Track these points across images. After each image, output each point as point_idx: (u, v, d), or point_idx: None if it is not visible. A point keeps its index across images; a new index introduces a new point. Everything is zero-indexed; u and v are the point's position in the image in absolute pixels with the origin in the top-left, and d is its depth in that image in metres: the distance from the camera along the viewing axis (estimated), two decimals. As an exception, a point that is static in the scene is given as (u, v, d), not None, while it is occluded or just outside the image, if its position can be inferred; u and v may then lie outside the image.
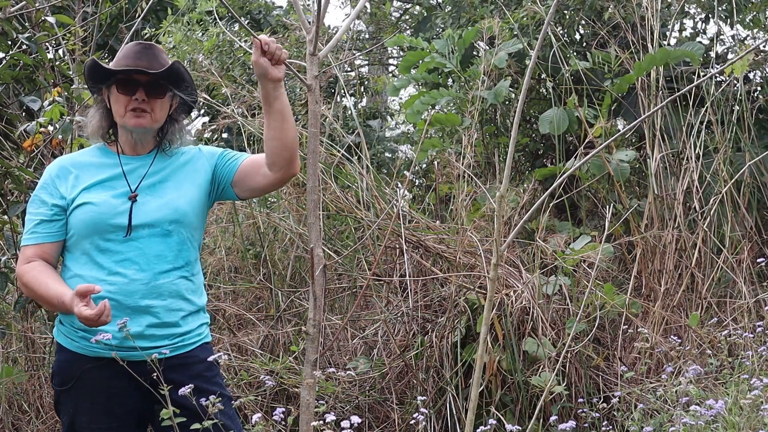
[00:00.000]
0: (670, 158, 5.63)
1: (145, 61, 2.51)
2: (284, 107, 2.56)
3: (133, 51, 2.54)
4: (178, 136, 2.62)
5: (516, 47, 5.76)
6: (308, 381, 2.98)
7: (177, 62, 2.56)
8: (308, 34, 3.03)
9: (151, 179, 2.55)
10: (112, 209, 2.46)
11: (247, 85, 6.37)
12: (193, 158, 2.64)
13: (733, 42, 6.45)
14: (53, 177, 2.53)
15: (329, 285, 4.98)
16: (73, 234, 2.48)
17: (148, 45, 2.57)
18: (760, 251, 5.53)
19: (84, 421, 2.47)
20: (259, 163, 2.63)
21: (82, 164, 2.56)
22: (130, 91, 2.51)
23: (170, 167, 2.60)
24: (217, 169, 2.64)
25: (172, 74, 2.53)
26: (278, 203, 5.45)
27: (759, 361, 3.95)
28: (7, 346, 4.70)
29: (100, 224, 2.44)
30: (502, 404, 4.26)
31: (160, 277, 2.46)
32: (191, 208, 2.56)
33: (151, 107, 2.52)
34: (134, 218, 2.47)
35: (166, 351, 2.45)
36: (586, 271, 4.66)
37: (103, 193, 2.49)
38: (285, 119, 2.56)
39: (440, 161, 5.91)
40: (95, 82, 2.57)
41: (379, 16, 9.08)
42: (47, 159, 3.93)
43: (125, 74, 2.51)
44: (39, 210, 2.51)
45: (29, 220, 2.52)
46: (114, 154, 2.58)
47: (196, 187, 2.60)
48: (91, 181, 2.51)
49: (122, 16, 6.78)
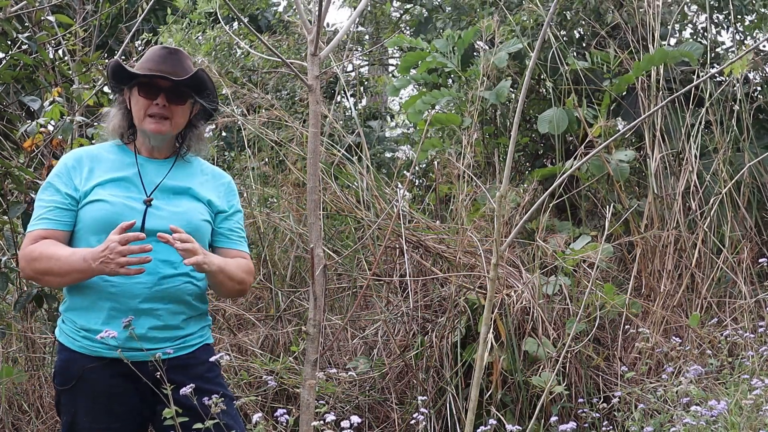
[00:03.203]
0: (669, 158, 5.64)
1: (170, 67, 2.49)
2: (216, 280, 2.51)
3: (158, 55, 2.52)
4: (196, 141, 2.61)
5: (516, 47, 5.76)
6: (309, 382, 2.99)
7: (201, 70, 2.53)
8: (309, 34, 3.03)
9: (169, 185, 2.54)
10: (126, 211, 2.44)
11: (247, 84, 6.38)
12: (219, 183, 2.64)
13: (732, 43, 6.45)
14: (69, 167, 2.51)
15: (329, 285, 4.98)
16: (81, 228, 2.47)
17: (173, 50, 2.55)
18: (760, 251, 5.54)
19: (85, 421, 2.46)
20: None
21: (98, 158, 2.53)
22: (152, 95, 2.49)
23: (191, 179, 2.59)
24: (217, 220, 2.63)
25: (195, 81, 2.52)
26: (278, 203, 5.45)
27: (759, 361, 3.95)
28: (7, 346, 4.70)
29: (112, 225, 2.40)
30: (502, 404, 4.26)
31: (164, 282, 2.46)
32: (204, 225, 2.56)
33: (171, 113, 2.51)
34: (147, 224, 2.45)
35: (170, 350, 2.45)
36: (586, 271, 4.66)
37: (117, 192, 2.47)
38: (221, 284, 2.54)
39: (440, 161, 5.91)
40: (117, 82, 2.56)
41: (379, 16, 9.09)
42: (47, 159, 3.93)
43: (148, 78, 2.49)
44: (53, 197, 2.47)
45: (40, 207, 2.48)
46: (131, 153, 2.56)
47: (210, 207, 2.60)
48: (106, 177, 2.49)
49: (122, 16, 6.77)
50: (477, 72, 5.76)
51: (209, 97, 2.59)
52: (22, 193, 3.66)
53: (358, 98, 8.25)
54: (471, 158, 5.48)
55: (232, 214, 2.65)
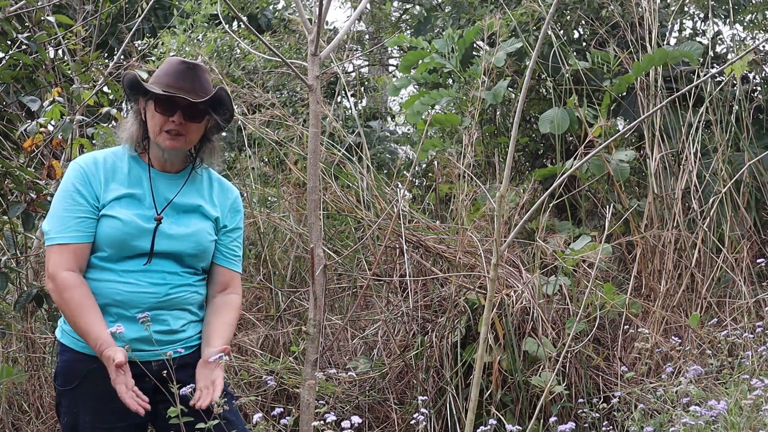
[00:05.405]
0: (669, 158, 5.64)
1: (189, 83, 2.46)
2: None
3: (177, 70, 2.48)
4: (209, 155, 2.60)
5: (515, 47, 5.76)
6: (309, 382, 2.99)
7: (221, 88, 2.50)
8: (309, 34, 3.03)
9: (179, 203, 2.54)
10: (137, 229, 2.45)
11: (248, 84, 6.37)
12: (226, 198, 2.65)
13: (732, 43, 6.46)
14: (88, 174, 2.47)
15: (329, 285, 4.98)
16: (94, 240, 2.48)
17: (192, 65, 2.50)
18: (759, 251, 5.54)
19: (87, 422, 2.46)
20: (219, 283, 2.64)
21: (113, 168, 2.51)
22: (169, 112, 2.46)
23: (201, 195, 2.59)
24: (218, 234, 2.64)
25: (213, 100, 2.49)
26: (278, 203, 5.45)
27: (759, 361, 3.95)
28: (7, 346, 4.70)
29: (123, 243, 2.43)
30: (502, 404, 4.26)
31: (173, 292, 2.49)
32: (211, 246, 2.59)
33: (186, 130, 2.49)
34: (156, 244, 2.46)
35: (182, 350, 2.48)
36: (586, 271, 4.66)
37: (130, 209, 2.47)
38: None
39: (440, 161, 5.91)
40: (133, 93, 2.53)
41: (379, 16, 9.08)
42: (47, 159, 3.93)
43: (165, 96, 2.45)
44: (80, 207, 2.44)
45: (67, 216, 2.43)
46: (144, 165, 2.54)
47: (216, 224, 2.62)
48: (121, 192, 2.48)
49: (122, 15, 6.77)
50: (477, 72, 5.76)
51: (225, 115, 2.56)
52: (22, 193, 3.66)
53: (358, 98, 8.25)
54: (471, 158, 5.48)
55: (232, 230, 2.66)
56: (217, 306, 2.61)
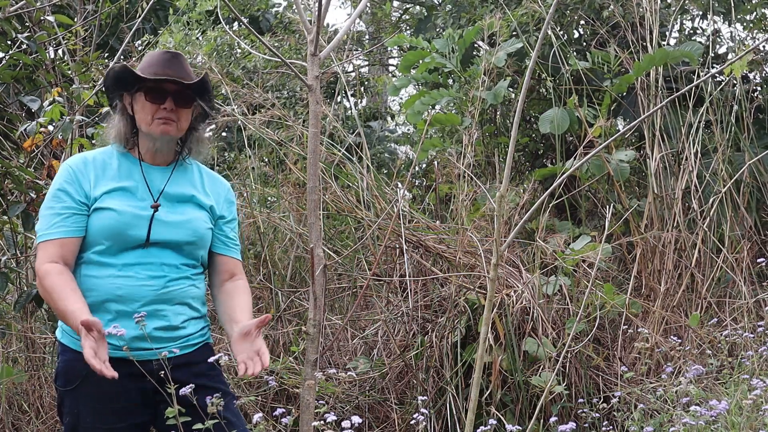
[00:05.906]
0: (669, 158, 5.64)
1: (175, 70, 2.50)
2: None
3: (162, 59, 2.53)
4: (196, 144, 2.64)
5: (515, 46, 5.76)
6: (309, 382, 2.99)
7: (206, 74, 2.56)
8: (309, 34, 3.03)
9: (173, 192, 2.56)
10: (133, 218, 2.47)
11: (247, 83, 6.37)
12: (219, 189, 2.67)
13: (732, 43, 6.46)
14: (76, 173, 2.50)
15: (329, 285, 4.98)
16: (89, 234, 2.48)
17: (174, 54, 2.56)
18: (759, 251, 5.54)
19: (88, 422, 2.47)
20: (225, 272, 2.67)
21: (103, 165, 2.54)
22: (159, 99, 2.50)
23: (193, 186, 2.62)
24: (216, 225, 2.66)
25: (200, 85, 2.54)
26: (278, 203, 5.45)
27: (759, 361, 3.95)
28: (7, 346, 4.70)
29: (119, 233, 2.45)
30: (502, 404, 4.27)
31: (171, 285, 2.50)
32: (208, 233, 2.61)
33: (177, 116, 2.53)
34: (153, 232, 2.48)
35: (176, 350, 2.48)
36: (586, 271, 4.66)
37: (124, 200, 2.49)
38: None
39: (440, 161, 5.92)
40: (118, 88, 2.56)
41: (379, 16, 9.08)
42: (47, 159, 3.93)
43: (156, 83, 2.49)
44: (65, 204, 2.47)
45: (52, 214, 2.47)
46: (135, 159, 2.57)
47: (211, 214, 2.64)
48: (113, 185, 2.50)
49: (122, 15, 6.77)
50: (477, 72, 5.76)
51: (209, 101, 2.62)
52: (22, 193, 3.67)
53: (358, 98, 8.25)
54: (471, 158, 5.48)
55: (230, 221, 2.69)
56: (229, 291, 2.64)
